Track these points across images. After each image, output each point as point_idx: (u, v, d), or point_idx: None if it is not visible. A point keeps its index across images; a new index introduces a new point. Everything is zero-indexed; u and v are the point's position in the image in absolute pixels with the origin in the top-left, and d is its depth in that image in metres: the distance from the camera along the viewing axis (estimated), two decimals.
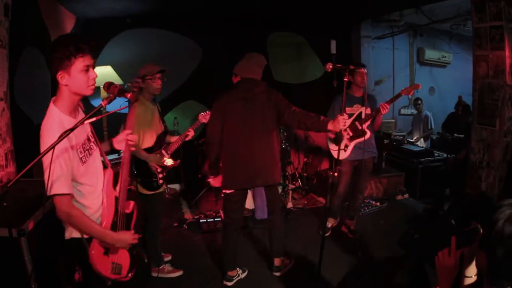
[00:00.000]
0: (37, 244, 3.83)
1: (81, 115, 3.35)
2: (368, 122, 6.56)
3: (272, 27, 10.80)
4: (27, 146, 5.59)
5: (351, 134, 6.64)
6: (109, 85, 2.88)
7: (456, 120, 10.31)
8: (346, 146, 6.65)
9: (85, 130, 3.33)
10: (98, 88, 8.46)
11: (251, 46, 10.00)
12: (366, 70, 6.52)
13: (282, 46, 11.10)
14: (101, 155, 3.57)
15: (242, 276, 5.92)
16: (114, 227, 3.37)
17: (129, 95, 2.90)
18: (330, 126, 4.98)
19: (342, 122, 4.87)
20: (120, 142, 3.70)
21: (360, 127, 6.53)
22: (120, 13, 8.93)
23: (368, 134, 6.55)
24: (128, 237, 3.37)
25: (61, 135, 2.55)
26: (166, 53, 9.70)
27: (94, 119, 2.74)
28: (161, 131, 5.70)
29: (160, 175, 5.56)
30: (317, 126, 5.16)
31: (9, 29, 5.27)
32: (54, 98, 3.11)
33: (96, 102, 8.95)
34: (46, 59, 7.21)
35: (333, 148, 6.83)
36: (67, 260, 3.47)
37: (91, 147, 3.36)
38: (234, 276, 5.85)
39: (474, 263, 2.59)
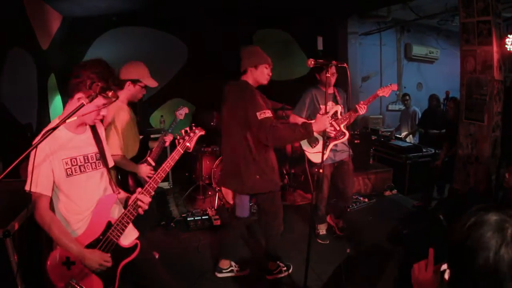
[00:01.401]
0: (23, 244, 3.81)
1: (88, 131, 3.43)
2: (346, 122, 6.29)
3: (259, 24, 10.79)
4: (13, 146, 5.58)
5: (332, 135, 6.29)
6: (91, 83, 2.86)
7: (436, 115, 10.33)
8: (325, 147, 6.43)
9: (82, 148, 3.33)
10: None
11: (238, 44, 10.04)
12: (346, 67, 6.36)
13: (268, 43, 11.09)
14: (110, 181, 3.57)
15: (234, 272, 5.87)
16: (89, 248, 3.24)
17: (110, 93, 2.87)
18: (314, 128, 4.75)
19: (326, 121, 4.73)
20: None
21: (338, 128, 6.25)
22: (106, 11, 8.91)
23: (347, 135, 6.34)
24: (95, 256, 3.18)
25: (43, 135, 2.54)
26: (152, 51, 9.67)
27: (75, 118, 2.72)
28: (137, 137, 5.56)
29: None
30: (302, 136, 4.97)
31: None
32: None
33: None
34: (34, 59, 7.19)
35: (308, 151, 6.49)
36: None
37: (87, 166, 3.34)
38: (225, 269, 5.83)
39: None
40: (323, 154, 4.92)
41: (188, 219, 7.58)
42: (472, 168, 6.90)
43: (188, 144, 3.69)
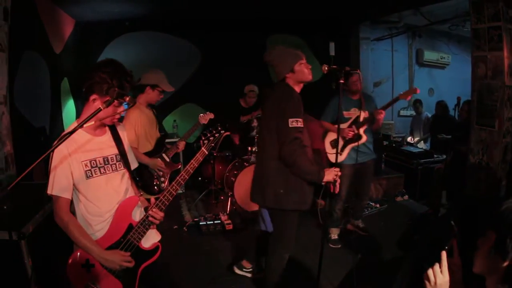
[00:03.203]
0: (37, 247, 3.83)
1: (108, 133, 3.42)
2: (365, 127, 6.56)
3: (272, 29, 10.80)
4: (27, 149, 5.61)
5: (348, 137, 6.59)
6: (108, 88, 2.87)
7: (444, 121, 10.29)
8: (343, 149, 6.65)
9: (102, 150, 3.31)
10: None
11: (251, 48, 10.04)
12: (359, 74, 6.55)
13: None
14: (132, 183, 3.59)
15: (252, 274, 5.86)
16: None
17: (127, 99, 2.89)
18: (325, 179, 4.58)
19: (334, 173, 4.59)
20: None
21: (356, 131, 6.51)
22: (119, 16, 8.95)
23: (364, 138, 6.56)
24: (117, 257, 3.19)
25: (60, 138, 2.54)
26: (165, 56, 9.72)
27: (92, 122, 2.73)
28: (159, 135, 5.68)
29: (162, 179, 5.54)
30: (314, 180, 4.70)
31: (8, 33, 5.28)
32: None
33: None
34: (47, 63, 7.23)
35: (328, 151, 6.82)
36: None
37: (107, 167, 3.33)
38: (246, 268, 5.85)
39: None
40: (336, 158, 4.93)
41: (201, 223, 7.61)
42: (483, 173, 6.88)
43: (213, 145, 3.68)
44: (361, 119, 6.55)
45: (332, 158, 6.71)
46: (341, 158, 6.64)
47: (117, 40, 9.81)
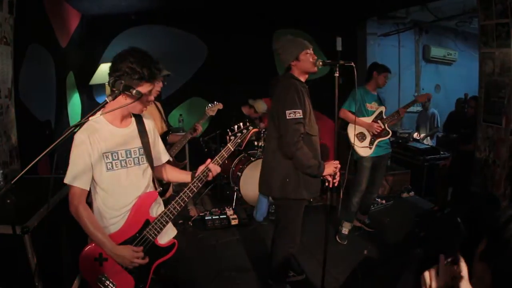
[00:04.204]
0: (41, 241, 3.81)
1: (133, 125, 3.39)
2: (389, 123, 6.79)
3: (278, 24, 10.75)
4: (31, 143, 5.59)
5: (376, 132, 6.70)
6: (114, 81, 2.84)
7: (461, 118, 10.21)
8: (372, 143, 6.75)
9: (125, 143, 3.28)
10: (104, 85, 8.54)
11: (257, 43, 9.99)
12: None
13: None
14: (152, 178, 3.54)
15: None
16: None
17: (133, 91, 2.86)
18: (325, 172, 4.60)
19: (332, 166, 4.59)
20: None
21: (383, 127, 6.69)
22: (125, 9, 8.94)
23: (390, 133, 6.81)
24: (127, 253, 3.16)
25: (66, 130, 2.51)
26: (171, 50, 9.68)
27: (99, 114, 2.70)
28: (162, 131, 5.59)
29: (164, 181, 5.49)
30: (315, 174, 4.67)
31: (13, 26, 5.26)
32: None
33: (101, 99, 8.95)
34: (52, 56, 7.21)
35: (357, 144, 6.75)
36: None
37: (129, 161, 3.29)
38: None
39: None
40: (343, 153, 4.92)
41: (206, 218, 7.62)
42: (489, 171, 6.84)
43: (239, 141, 3.66)
44: (383, 115, 6.81)
45: (360, 151, 6.77)
46: (369, 152, 6.77)
47: (123, 33, 9.78)
